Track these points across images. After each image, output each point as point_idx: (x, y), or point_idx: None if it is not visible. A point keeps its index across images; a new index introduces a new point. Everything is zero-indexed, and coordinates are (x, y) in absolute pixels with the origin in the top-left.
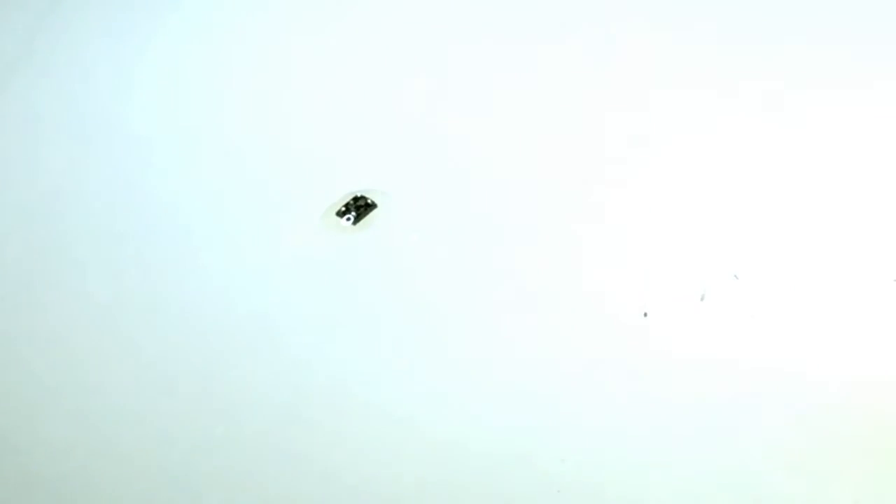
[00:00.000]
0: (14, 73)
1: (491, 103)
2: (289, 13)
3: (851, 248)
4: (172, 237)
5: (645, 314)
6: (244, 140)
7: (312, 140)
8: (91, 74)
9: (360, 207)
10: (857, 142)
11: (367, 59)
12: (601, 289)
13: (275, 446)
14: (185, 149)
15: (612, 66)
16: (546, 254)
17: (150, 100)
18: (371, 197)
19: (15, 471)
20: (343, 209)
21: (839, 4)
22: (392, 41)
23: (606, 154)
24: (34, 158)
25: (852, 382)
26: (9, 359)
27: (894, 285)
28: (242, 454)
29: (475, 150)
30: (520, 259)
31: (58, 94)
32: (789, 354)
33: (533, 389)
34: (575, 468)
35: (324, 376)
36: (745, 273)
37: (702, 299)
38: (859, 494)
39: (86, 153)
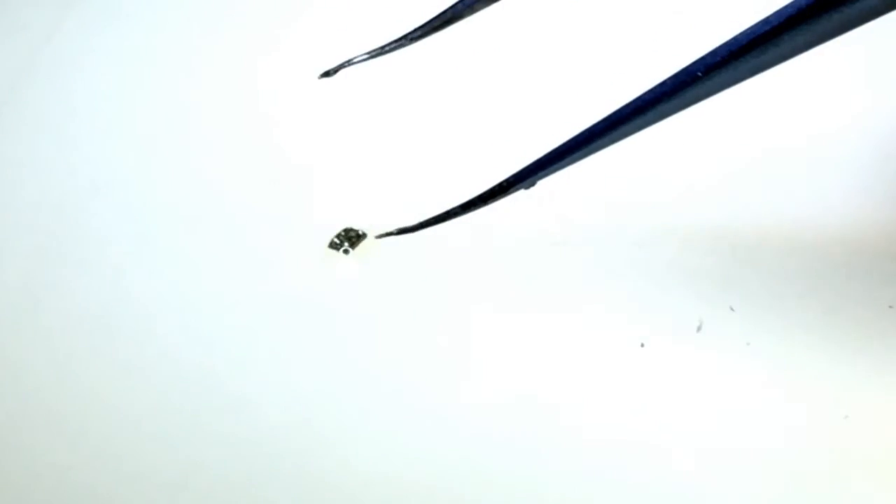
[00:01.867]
0: (19, 81)
1: (483, 120)
2: (275, 41)
3: (847, 275)
4: (173, 243)
5: (642, 345)
6: (245, 150)
7: (300, 175)
8: (96, 85)
9: (351, 238)
10: (855, 155)
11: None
12: (598, 319)
13: (275, 452)
14: (187, 151)
15: (616, 76)
16: (541, 283)
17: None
18: (360, 228)
19: (15, 472)
20: (336, 241)
21: None
22: (382, 66)
23: (602, 181)
24: (34, 162)
25: (850, 404)
26: (9, 359)
27: (890, 311)
28: (243, 459)
29: (462, 177)
30: (515, 289)
31: (62, 102)
32: (786, 381)
33: (529, 418)
34: (572, 499)
35: (325, 386)
36: (741, 305)
37: (698, 330)
38: None
39: (87, 161)
